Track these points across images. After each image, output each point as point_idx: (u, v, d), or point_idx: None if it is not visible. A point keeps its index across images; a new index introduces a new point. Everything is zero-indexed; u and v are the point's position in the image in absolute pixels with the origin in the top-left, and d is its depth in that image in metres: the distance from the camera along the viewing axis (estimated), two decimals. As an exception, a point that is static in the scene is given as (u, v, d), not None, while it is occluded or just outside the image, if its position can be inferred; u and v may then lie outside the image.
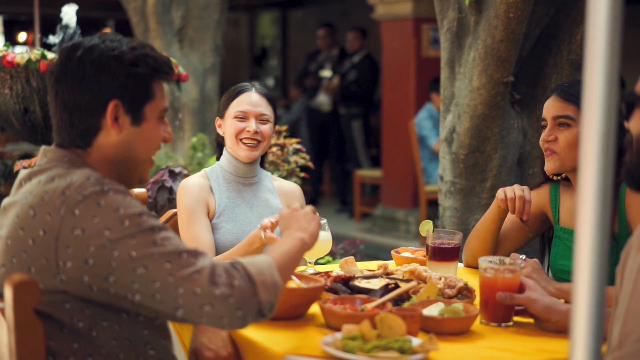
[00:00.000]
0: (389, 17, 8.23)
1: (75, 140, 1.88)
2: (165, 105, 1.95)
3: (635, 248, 1.50)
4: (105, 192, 1.75)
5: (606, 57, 1.22)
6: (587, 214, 1.22)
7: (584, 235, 1.22)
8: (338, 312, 2.08)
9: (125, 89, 1.85)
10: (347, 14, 12.20)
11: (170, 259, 1.73)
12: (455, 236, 2.64)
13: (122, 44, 1.86)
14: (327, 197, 10.80)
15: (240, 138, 3.00)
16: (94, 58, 1.84)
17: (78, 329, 1.78)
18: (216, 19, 6.57)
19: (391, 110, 8.41)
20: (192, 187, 3.00)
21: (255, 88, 3.07)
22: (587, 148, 1.22)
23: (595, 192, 1.22)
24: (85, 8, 11.65)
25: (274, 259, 1.87)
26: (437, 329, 2.10)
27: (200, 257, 1.76)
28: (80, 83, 1.84)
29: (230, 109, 3.03)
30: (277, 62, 14.74)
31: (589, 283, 1.22)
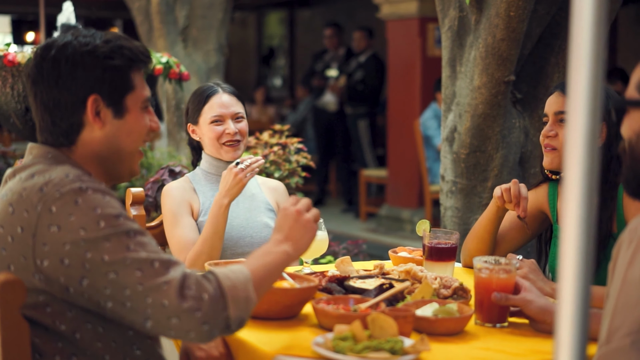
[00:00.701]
0: (395, 17, 8.21)
1: (59, 139, 1.87)
2: (148, 95, 1.92)
3: (626, 243, 1.49)
4: (84, 191, 1.74)
5: (591, 58, 1.20)
6: (572, 214, 1.21)
7: (569, 235, 1.21)
8: (330, 312, 2.06)
9: (103, 83, 1.83)
10: (354, 13, 12.19)
11: (141, 267, 1.71)
12: (452, 236, 2.62)
13: (95, 38, 1.85)
14: (334, 197, 10.79)
15: (221, 142, 3.02)
16: (67, 55, 1.82)
17: (61, 332, 1.77)
18: (220, 19, 6.56)
19: (397, 110, 8.39)
20: (174, 190, 3.02)
21: (222, 88, 3.09)
22: (573, 148, 1.21)
23: (580, 192, 1.21)
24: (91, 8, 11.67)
25: (251, 272, 1.84)
26: (431, 329, 2.09)
27: (172, 267, 1.73)
28: (57, 82, 1.83)
29: (204, 115, 3.04)
30: (284, 61, 14.74)
31: (574, 283, 1.20)
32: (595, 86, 1.20)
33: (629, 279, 1.44)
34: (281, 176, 4.19)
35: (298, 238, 1.97)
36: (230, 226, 2.98)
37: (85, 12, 11.94)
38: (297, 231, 1.97)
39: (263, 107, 11.80)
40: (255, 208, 3.07)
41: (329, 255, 4.77)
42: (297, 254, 1.97)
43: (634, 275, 1.43)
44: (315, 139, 10.47)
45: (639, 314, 1.41)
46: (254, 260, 1.89)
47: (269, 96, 12.84)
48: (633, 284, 1.43)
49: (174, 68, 4.43)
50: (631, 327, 1.41)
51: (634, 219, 1.51)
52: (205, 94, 3.06)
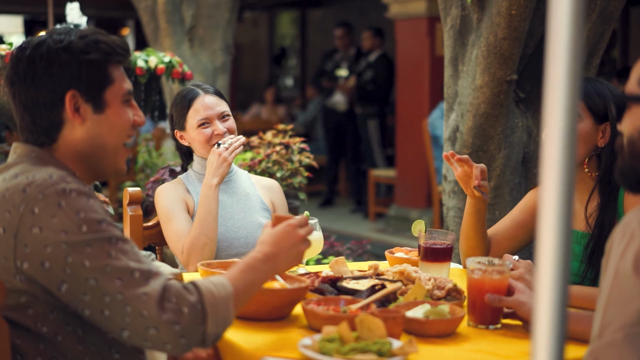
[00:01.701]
0: (403, 16, 8.18)
1: (40, 138, 1.85)
2: (128, 88, 1.90)
3: (618, 237, 1.46)
4: (68, 193, 1.72)
5: (568, 56, 1.18)
6: (549, 214, 1.19)
7: (545, 235, 1.19)
8: (319, 313, 2.04)
9: (80, 78, 1.82)
10: (365, 13, 12.16)
11: (121, 276, 1.69)
12: (448, 236, 2.60)
13: (70, 34, 1.84)
14: (343, 197, 10.76)
15: (212, 143, 3.00)
16: (42, 53, 1.81)
17: (43, 334, 1.76)
18: (227, 18, 6.55)
19: (405, 110, 8.36)
20: (167, 189, 3.02)
21: (203, 90, 3.07)
22: (550, 148, 1.19)
23: (557, 192, 1.19)
24: (102, 8, 11.71)
25: (234, 289, 1.81)
26: (421, 331, 2.06)
27: (152, 278, 1.71)
28: (33, 81, 1.81)
29: (190, 119, 3.03)
30: (296, 61, 14.73)
31: (552, 284, 1.19)
32: (573, 84, 1.18)
33: (621, 272, 1.42)
34: (283, 176, 4.17)
35: (285, 255, 1.94)
36: (225, 227, 2.97)
37: (95, 12, 11.97)
38: (287, 249, 1.95)
39: (273, 107, 11.78)
40: (250, 208, 3.05)
41: (331, 255, 4.74)
42: (282, 271, 1.96)
43: (625, 268, 1.41)
44: (324, 139, 10.45)
45: (631, 308, 1.39)
46: (239, 275, 1.86)
47: (280, 96, 12.83)
48: (625, 277, 1.41)
49: (177, 67, 4.42)
50: (624, 321, 1.39)
51: (627, 214, 1.48)
52: (188, 98, 3.05)
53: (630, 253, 1.41)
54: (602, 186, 2.51)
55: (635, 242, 1.41)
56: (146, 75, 4.24)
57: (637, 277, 1.40)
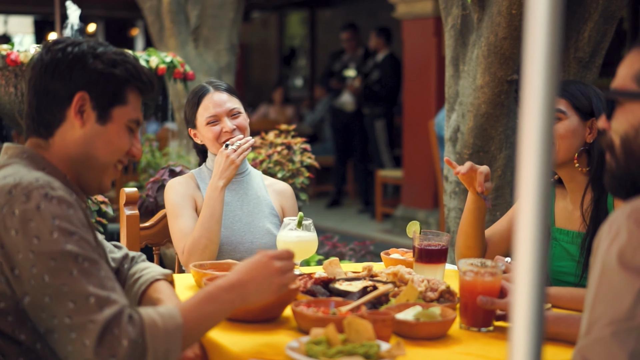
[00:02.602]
0: (410, 16, 8.16)
1: (39, 129, 1.87)
2: (138, 118, 1.91)
3: (605, 234, 1.44)
4: (49, 199, 1.71)
5: (546, 54, 1.16)
6: (526, 215, 1.17)
7: (523, 236, 1.17)
8: (308, 315, 2.02)
9: (96, 85, 1.84)
10: (375, 13, 12.13)
11: (75, 299, 1.66)
12: (443, 238, 2.58)
13: (108, 48, 1.88)
14: (351, 198, 10.74)
15: (221, 141, 2.97)
16: (74, 52, 1.85)
17: (22, 341, 1.75)
18: (231, 18, 6.54)
19: (412, 110, 8.33)
20: (177, 185, 2.99)
21: (213, 87, 3.03)
22: (527, 149, 1.18)
23: (535, 191, 1.17)
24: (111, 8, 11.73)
25: (185, 322, 1.76)
26: (412, 333, 2.04)
27: (107, 306, 1.67)
28: (54, 70, 1.84)
29: (200, 117, 2.99)
30: (305, 62, 14.72)
31: (529, 284, 1.17)
32: (550, 86, 1.17)
33: (607, 268, 1.39)
34: (284, 176, 4.15)
35: (255, 287, 1.88)
36: (231, 230, 2.94)
37: (104, 13, 11.99)
38: (259, 280, 1.88)
39: (281, 107, 11.77)
40: (259, 212, 3.01)
41: (333, 256, 4.73)
42: (250, 303, 1.89)
43: (611, 263, 1.39)
44: (333, 139, 10.43)
45: (619, 303, 1.37)
46: (195, 306, 1.81)
47: (289, 96, 12.83)
48: (611, 273, 1.39)
49: (178, 67, 4.41)
50: (611, 317, 1.37)
51: (614, 212, 1.46)
52: (197, 96, 3.02)
53: (619, 252, 1.38)
54: (594, 180, 2.51)
55: (621, 237, 1.39)
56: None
57: (623, 272, 1.37)
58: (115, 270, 2.17)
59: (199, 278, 2.41)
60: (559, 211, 2.68)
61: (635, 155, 1.51)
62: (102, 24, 13.36)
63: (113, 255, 2.19)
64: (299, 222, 2.64)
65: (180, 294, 2.35)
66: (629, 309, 1.35)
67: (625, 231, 1.39)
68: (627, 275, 1.36)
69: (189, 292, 2.45)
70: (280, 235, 2.68)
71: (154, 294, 2.10)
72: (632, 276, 1.36)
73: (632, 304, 1.35)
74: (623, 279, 1.37)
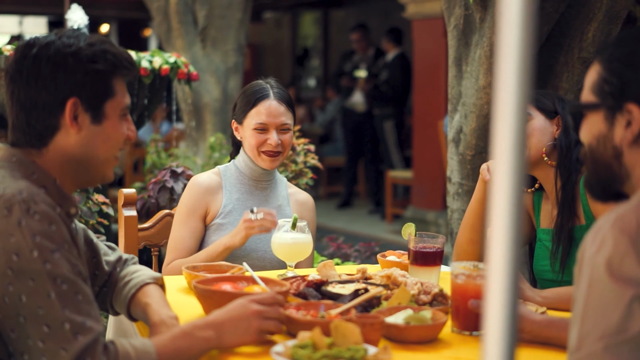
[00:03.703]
0: (420, 16, 8.13)
1: (31, 140, 1.81)
2: (128, 103, 1.88)
3: (589, 243, 1.41)
4: (31, 214, 1.68)
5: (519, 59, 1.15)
6: (499, 215, 1.16)
7: (497, 231, 1.15)
8: (296, 318, 2.00)
9: (84, 87, 1.79)
10: (388, 13, 12.10)
11: (50, 324, 1.64)
12: (438, 240, 2.55)
13: (79, 40, 1.80)
14: (362, 198, 10.72)
15: (261, 150, 2.89)
16: (49, 55, 1.77)
17: (10, 352, 1.73)
18: (239, 18, 6.53)
19: (422, 111, 8.30)
20: (198, 188, 2.91)
21: (273, 92, 2.93)
22: (500, 153, 1.16)
23: (508, 189, 1.16)
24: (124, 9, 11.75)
25: (159, 356, 1.74)
26: (401, 337, 2.02)
27: (81, 333, 1.66)
28: (37, 81, 1.77)
29: (250, 119, 2.90)
30: (318, 62, 14.70)
31: (502, 285, 1.15)
32: (523, 90, 1.15)
33: (596, 280, 1.36)
34: (287, 177, 4.13)
35: (231, 328, 1.86)
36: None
37: (117, 13, 12.02)
38: (235, 321, 1.87)
39: (293, 107, 11.75)
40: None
41: (338, 257, 4.71)
42: (222, 345, 1.86)
43: (600, 274, 1.36)
44: (344, 140, 10.41)
45: (610, 316, 1.34)
46: (169, 342, 1.79)
47: (300, 96, 12.81)
48: (601, 285, 1.35)
49: (182, 68, 4.40)
50: (603, 331, 1.33)
51: (598, 220, 1.43)
52: (256, 97, 2.91)
53: (606, 262, 1.36)
54: (561, 170, 2.63)
55: (607, 247, 1.36)
56: (150, 75, 4.22)
57: (612, 282, 1.34)
58: (108, 274, 2.16)
59: (191, 280, 2.40)
60: (543, 213, 2.75)
61: (599, 163, 1.53)
62: (115, 25, 13.40)
63: (107, 259, 2.17)
64: (293, 223, 2.62)
65: (171, 297, 2.34)
66: (620, 321, 1.32)
67: (610, 240, 1.36)
68: (617, 285, 1.34)
69: (181, 294, 2.44)
70: (274, 237, 2.66)
71: (143, 298, 2.08)
72: (622, 287, 1.33)
73: (623, 316, 1.32)
74: (612, 290, 1.34)
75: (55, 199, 1.79)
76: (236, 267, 2.45)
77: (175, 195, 3.79)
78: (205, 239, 2.92)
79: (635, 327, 1.32)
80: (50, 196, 1.78)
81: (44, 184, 1.79)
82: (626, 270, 1.33)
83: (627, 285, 1.33)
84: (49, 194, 1.78)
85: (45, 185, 1.79)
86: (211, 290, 2.11)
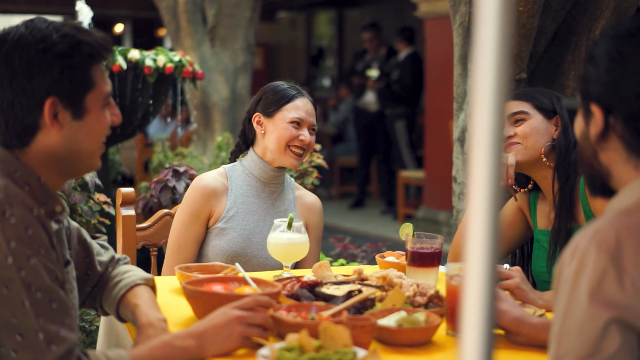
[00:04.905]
0: (432, 15, 8.08)
1: (11, 141, 1.75)
2: (109, 90, 1.80)
3: (567, 260, 1.38)
4: (7, 218, 1.63)
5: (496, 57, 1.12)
6: (477, 215, 1.13)
7: (474, 233, 1.12)
8: (284, 320, 1.96)
9: (61, 84, 1.71)
10: (402, 13, 12.05)
11: (23, 333, 1.60)
12: (436, 240, 2.50)
13: (51, 32, 1.71)
14: (375, 199, 10.66)
15: (291, 144, 2.84)
16: (22, 54, 1.70)
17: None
18: (248, 17, 6.49)
19: (434, 110, 8.24)
20: (203, 190, 2.85)
21: (307, 96, 2.92)
22: (477, 151, 1.13)
23: (485, 192, 1.13)
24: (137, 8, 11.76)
25: None
26: (393, 340, 1.97)
27: (55, 343, 1.62)
28: (11, 83, 1.70)
29: (285, 112, 2.85)
30: (333, 62, 14.66)
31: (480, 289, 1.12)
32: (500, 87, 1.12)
33: (574, 302, 1.35)
34: (291, 177, 4.09)
35: (213, 335, 1.82)
36: (249, 242, 2.83)
37: (130, 13, 12.02)
38: (217, 328, 1.83)
39: (305, 107, 11.72)
40: None
41: (343, 258, 4.66)
42: (204, 354, 1.82)
43: (580, 297, 1.34)
44: (356, 140, 10.37)
45: (585, 338, 1.32)
46: (146, 353, 1.76)
47: (314, 96, 12.78)
48: (578, 307, 1.34)
49: (187, 67, 4.37)
50: (579, 353, 1.32)
51: (575, 235, 1.40)
52: (292, 93, 2.88)
53: (585, 282, 1.34)
54: (559, 172, 2.58)
55: (588, 270, 1.34)
56: (154, 74, 4.19)
57: (591, 304, 1.33)
58: (101, 274, 2.13)
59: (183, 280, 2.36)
60: (540, 213, 2.72)
61: (584, 161, 1.53)
62: (130, 25, 13.40)
63: (100, 259, 2.14)
64: (289, 224, 2.58)
65: (166, 298, 2.31)
66: (594, 343, 1.31)
67: (590, 259, 1.34)
68: (595, 308, 1.32)
69: (173, 295, 2.40)
70: (270, 237, 2.62)
71: (132, 299, 2.04)
72: (600, 309, 1.32)
73: (597, 338, 1.31)
74: (590, 311, 1.32)
75: (39, 197, 1.74)
76: (229, 268, 2.41)
77: (177, 195, 3.76)
78: (206, 241, 2.87)
79: (610, 348, 1.31)
80: (34, 195, 1.73)
81: (28, 182, 1.74)
82: (605, 292, 1.32)
83: (605, 307, 1.32)
84: (33, 193, 1.73)
85: (29, 182, 1.74)
86: (200, 291, 2.07)
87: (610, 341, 1.30)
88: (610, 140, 1.45)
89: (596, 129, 1.46)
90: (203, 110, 6.32)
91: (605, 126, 1.45)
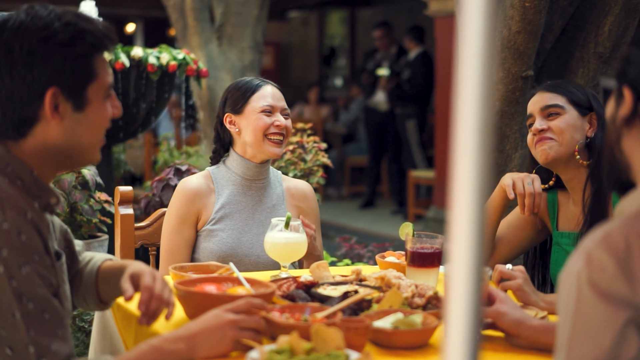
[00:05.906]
0: (442, 14, 8.01)
1: (7, 132, 1.67)
2: (111, 81, 1.74)
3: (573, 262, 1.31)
4: None
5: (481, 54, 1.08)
6: (462, 216, 1.09)
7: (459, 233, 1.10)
8: (277, 321, 1.90)
9: (63, 74, 1.64)
10: (414, 12, 11.98)
11: (13, 346, 1.54)
12: (437, 240, 2.44)
13: (53, 19, 1.63)
14: (385, 199, 10.60)
15: (266, 134, 2.80)
16: (22, 42, 1.62)
17: None
18: (255, 15, 6.45)
19: (445, 109, 8.18)
20: (188, 193, 2.82)
21: (271, 83, 2.90)
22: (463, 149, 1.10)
23: (471, 192, 1.09)
24: (148, 7, 11.73)
25: None
26: (388, 342, 1.92)
27: (46, 358, 1.56)
28: (10, 72, 1.63)
29: (253, 103, 2.81)
30: (345, 61, 14.61)
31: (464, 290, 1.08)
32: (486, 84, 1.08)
33: (584, 302, 1.25)
34: (296, 176, 4.05)
35: (204, 338, 1.77)
36: (239, 241, 2.79)
37: (140, 12, 12.00)
38: (208, 332, 1.78)
39: (316, 106, 11.68)
40: None
41: (348, 258, 4.61)
42: (194, 358, 1.77)
43: (586, 296, 1.25)
44: (367, 139, 10.32)
45: (600, 341, 1.23)
46: (134, 358, 1.70)
47: (324, 96, 12.73)
48: (589, 307, 1.25)
49: (191, 65, 4.33)
50: (595, 357, 1.23)
51: (586, 238, 1.33)
52: (254, 83, 2.86)
53: (595, 285, 1.25)
54: (593, 173, 2.47)
55: (597, 275, 1.25)
56: (158, 72, 4.15)
57: (603, 304, 1.24)
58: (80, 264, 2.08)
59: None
60: (563, 216, 2.62)
61: (607, 146, 1.50)
62: (141, 24, 13.37)
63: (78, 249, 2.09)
64: (286, 223, 2.53)
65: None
66: (612, 347, 1.22)
67: (599, 265, 1.26)
68: (608, 308, 1.24)
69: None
70: (267, 236, 2.57)
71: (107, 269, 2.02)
72: (614, 309, 1.23)
73: (615, 341, 1.22)
74: (603, 312, 1.24)
75: (32, 191, 1.68)
76: (224, 268, 2.36)
77: (179, 194, 3.72)
78: (196, 245, 2.83)
79: (629, 352, 1.22)
80: (27, 189, 1.67)
81: (20, 176, 1.67)
82: (619, 293, 1.24)
83: (619, 307, 1.23)
84: (25, 187, 1.67)
85: (22, 177, 1.67)
86: (191, 291, 2.02)
87: (630, 344, 1.22)
88: (634, 127, 1.41)
89: (624, 111, 1.42)
90: (210, 109, 6.27)
91: (633, 111, 1.41)
